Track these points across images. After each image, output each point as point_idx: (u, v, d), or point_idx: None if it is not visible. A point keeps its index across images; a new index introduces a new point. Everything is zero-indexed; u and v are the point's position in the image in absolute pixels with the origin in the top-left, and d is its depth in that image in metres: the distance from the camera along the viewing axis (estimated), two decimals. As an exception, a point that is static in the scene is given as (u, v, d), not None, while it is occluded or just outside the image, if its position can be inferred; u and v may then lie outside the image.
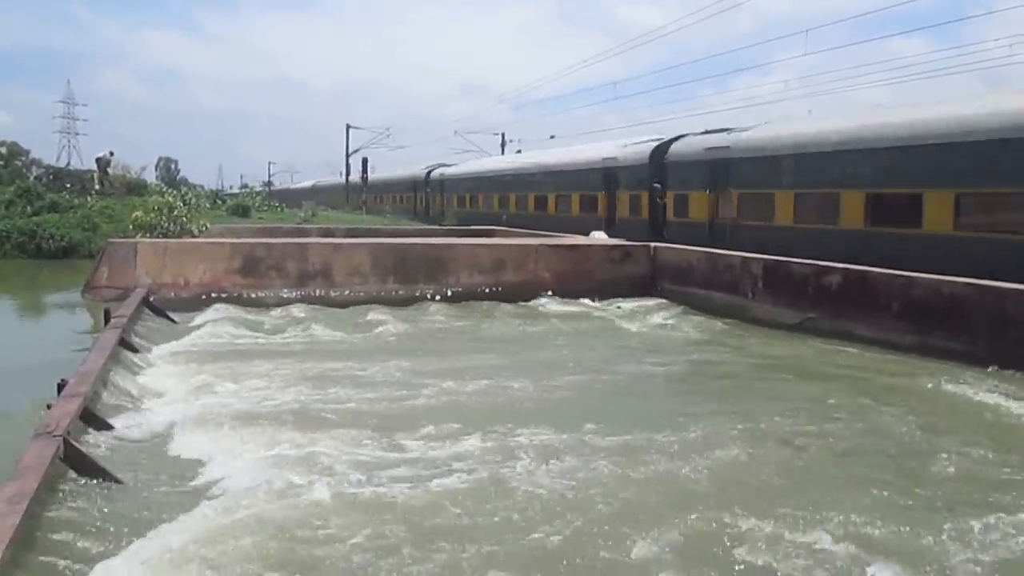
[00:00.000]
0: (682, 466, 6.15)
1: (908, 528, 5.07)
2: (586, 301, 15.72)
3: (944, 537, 4.95)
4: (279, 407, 7.66)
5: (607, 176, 22.84)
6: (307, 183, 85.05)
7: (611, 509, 5.35)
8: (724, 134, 18.33)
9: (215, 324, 12.31)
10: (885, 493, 5.73)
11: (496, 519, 5.16)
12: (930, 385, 8.94)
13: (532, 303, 15.42)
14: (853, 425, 7.55)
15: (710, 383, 9.75)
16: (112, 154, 33.21)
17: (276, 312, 13.83)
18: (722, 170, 17.73)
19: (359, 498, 5.40)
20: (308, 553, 4.62)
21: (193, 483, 5.70)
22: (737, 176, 17.30)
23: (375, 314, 13.89)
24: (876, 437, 7.23)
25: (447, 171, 40.10)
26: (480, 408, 7.90)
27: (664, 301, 15.64)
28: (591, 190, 23.85)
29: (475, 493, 5.53)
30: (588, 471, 6.00)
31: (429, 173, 41.63)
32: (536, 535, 4.93)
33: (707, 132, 19.36)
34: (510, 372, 9.43)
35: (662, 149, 20.48)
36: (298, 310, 13.96)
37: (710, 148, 18.40)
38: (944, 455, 6.58)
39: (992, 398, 8.42)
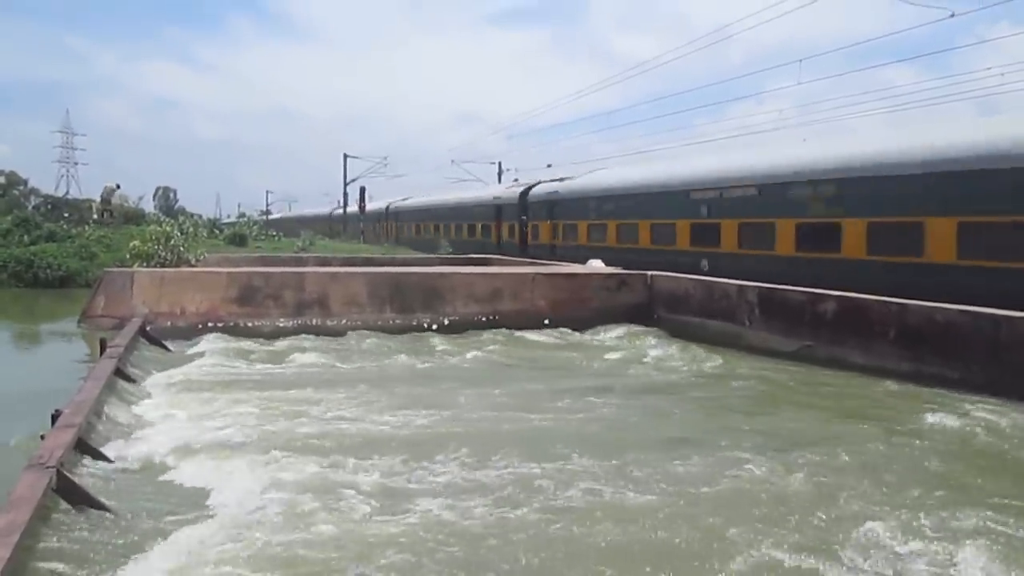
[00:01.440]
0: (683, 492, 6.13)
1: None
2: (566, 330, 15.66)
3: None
4: (273, 437, 7.63)
5: (381, 215, 51.58)
6: (276, 215, 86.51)
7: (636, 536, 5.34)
8: (401, 200, 49.33)
9: (211, 354, 12.30)
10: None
11: (494, 543, 5.14)
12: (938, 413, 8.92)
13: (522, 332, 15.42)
14: (867, 447, 7.57)
15: (703, 412, 9.72)
16: (118, 187, 33.41)
17: (272, 342, 13.81)
18: (400, 215, 48.21)
19: (343, 527, 5.40)
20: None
21: (187, 513, 5.66)
22: (399, 218, 48.47)
23: (371, 342, 13.91)
24: (891, 459, 7.22)
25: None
26: (474, 436, 7.88)
27: (656, 329, 15.65)
28: (379, 221, 52.01)
29: (476, 526, 5.54)
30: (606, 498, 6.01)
31: None
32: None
33: (404, 198, 49.49)
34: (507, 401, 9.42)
35: (390, 206, 50.22)
36: (294, 339, 13.95)
37: (395, 206, 49.50)
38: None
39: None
